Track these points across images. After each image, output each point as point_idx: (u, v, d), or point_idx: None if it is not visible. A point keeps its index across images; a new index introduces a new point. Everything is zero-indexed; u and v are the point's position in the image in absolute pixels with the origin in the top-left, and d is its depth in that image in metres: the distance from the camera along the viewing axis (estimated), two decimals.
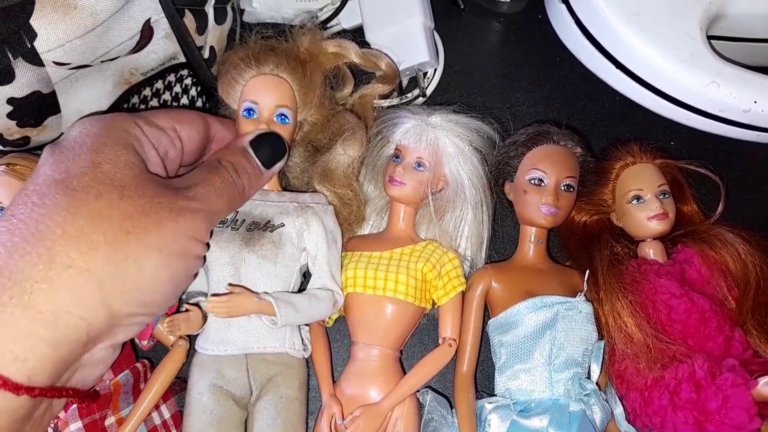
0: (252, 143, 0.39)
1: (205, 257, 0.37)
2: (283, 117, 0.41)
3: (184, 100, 0.48)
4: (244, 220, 0.41)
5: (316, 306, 0.40)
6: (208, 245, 0.36)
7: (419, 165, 0.44)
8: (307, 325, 0.44)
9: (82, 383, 0.32)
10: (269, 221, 0.41)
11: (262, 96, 0.41)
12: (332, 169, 0.44)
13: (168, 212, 0.32)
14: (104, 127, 0.33)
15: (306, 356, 0.42)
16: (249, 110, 0.41)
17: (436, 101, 0.53)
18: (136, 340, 0.42)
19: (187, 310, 0.40)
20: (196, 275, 0.37)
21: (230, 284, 0.39)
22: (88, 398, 0.33)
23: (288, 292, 0.41)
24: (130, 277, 0.30)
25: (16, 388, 0.26)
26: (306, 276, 0.44)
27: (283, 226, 0.41)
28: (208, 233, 0.35)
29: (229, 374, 0.39)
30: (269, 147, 0.40)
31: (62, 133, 0.42)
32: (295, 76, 0.42)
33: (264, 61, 0.42)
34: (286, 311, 0.38)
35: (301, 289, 0.43)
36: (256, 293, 0.39)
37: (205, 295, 0.41)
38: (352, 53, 0.47)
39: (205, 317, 0.40)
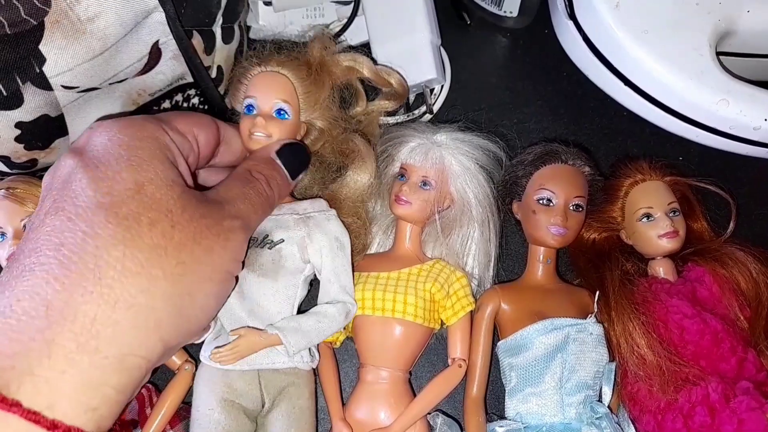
0: (278, 153, 0.39)
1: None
2: (281, 112, 0.40)
3: None
4: None
5: (326, 324, 0.39)
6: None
7: (425, 184, 0.44)
8: None
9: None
10: (267, 236, 0.40)
11: (261, 90, 0.41)
12: (341, 199, 0.44)
13: (216, 237, 0.31)
14: (136, 137, 0.31)
15: (314, 366, 0.42)
16: (249, 106, 0.41)
17: (443, 117, 0.53)
18: None
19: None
20: None
21: (232, 330, 0.39)
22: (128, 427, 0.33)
23: (293, 316, 0.40)
24: (184, 310, 0.29)
25: None
26: (312, 284, 0.43)
27: (283, 242, 0.40)
28: (246, 249, 0.35)
29: (241, 387, 0.39)
30: (294, 157, 0.40)
31: None
32: (297, 73, 0.42)
33: (267, 60, 0.42)
34: (295, 339, 0.38)
35: (309, 296, 0.42)
36: (261, 330, 0.38)
37: None
38: (365, 68, 0.47)
39: (208, 327, 0.39)
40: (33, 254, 0.27)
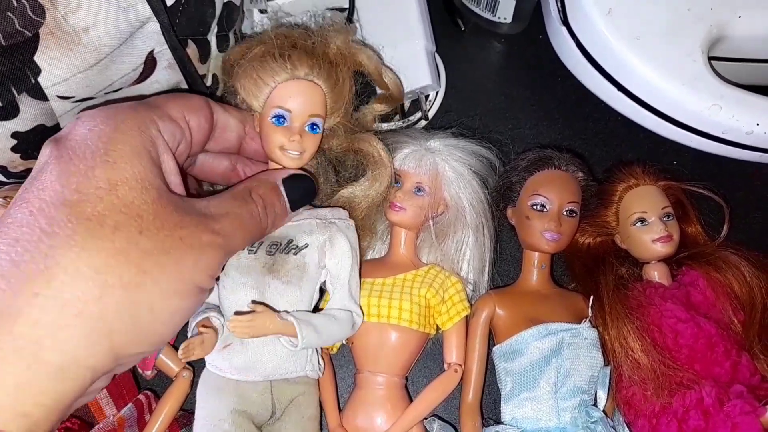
0: (285, 181, 0.38)
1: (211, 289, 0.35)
2: (314, 126, 0.39)
3: None
4: (261, 242, 0.39)
5: (337, 327, 0.39)
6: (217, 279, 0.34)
7: (419, 190, 0.44)
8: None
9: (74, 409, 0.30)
10: (291, 241, 0.39)
11: (295, 103, 0.38)
12: (357, 203, 0.43)
13: (188, 248, 0.29)
14: (118, 129, 0.29)
15: (321, 376, 0.41)
16: (280, 117, 0.38)
17: (438, 123, 0.53)
18: (139, 370, 0.42)
19: (199, 333, 0.37)
20: None
21: (253, 301, 0.37)
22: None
23: (308, 311, 0.39)
24: (141, 322, 0.28)
25: None
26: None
27: (307, 246, 0.39)
28: (221, 268, 0.33)
29: (253, 397, 0.38)
30: (301, 190, 0.38)
31: None
32: (329, 82, 0.39)
33: (298, 64, 0.38)
34: (308, 333, 0.37)
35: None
36: (279, 312, 0.37)
37: (216, 308, 0.39)
38: (372, 65, 0.45)
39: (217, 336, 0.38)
40: None
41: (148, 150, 0.30)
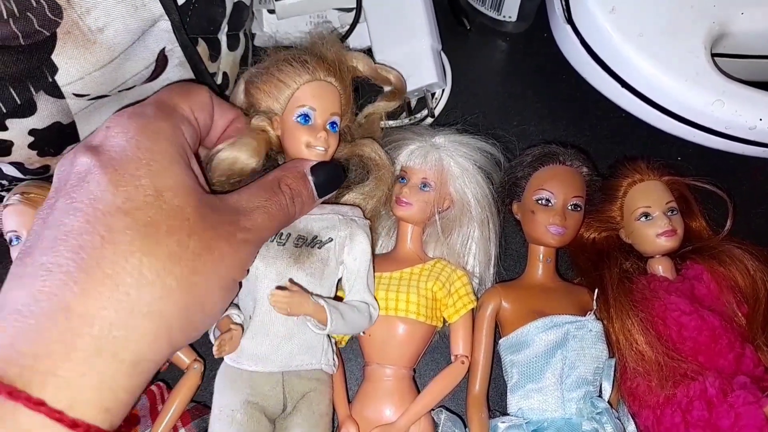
0: (312, 169, 0.39)
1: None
2: (334, 125, 0.41)
3: None
4: (290, 234, 0.40)
5: (359, 317, 0.40)
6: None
7: (425, 185, 0.45)
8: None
9: None
10: (316, 236, 0.40)
11: (319, 102, 0.41)
12: (362, 206, 0.44)
13: (228, 246, 0.31)
14: (154, 140, 0.31)
15: (335, 371, 0.42)
16: (305, 116, 0.40)
17: (444, 120, 0.53)
18: None
19: (229, 330, 0.38)
20: None
21: (291, 280, 0.39)
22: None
23: (332, 299, 0.41)
24: (193, 317, 0.30)
25: None
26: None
27: (331, 241, 0.41)
28: (253, 259, 0.35)
29: (266, 390, 0.39)
30: (328, 176, 0.39)
31: None
32: (342, 84, 0.43)
33: (318, 67, 0.41)
34: (336, 318, 0.38)
35: None
36: (313, 295, 0.38)
37: (237, 307, 0.41)
38: (367, 67, 0.48)
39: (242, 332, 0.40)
40: (50, 253, 0.27)
41: (183, 157, 0.32)
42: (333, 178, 0.40)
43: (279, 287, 0.38)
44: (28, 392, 0.24)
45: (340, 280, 0.42)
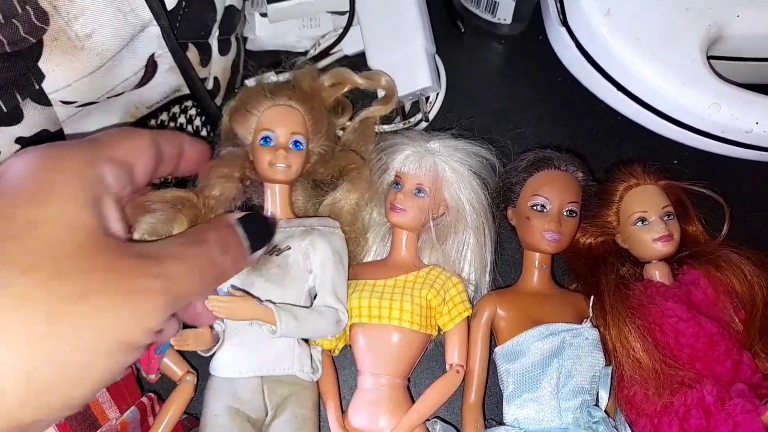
0: (240, 221, 0.35)
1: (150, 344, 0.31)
2: (297, 143, 0.43)
3: (189, 130, 0.49)
4: None
5: (318, 320, 0.40)
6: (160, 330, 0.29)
7: (419, 191, 0.44)
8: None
9: None
10: (275, 245, 0.42)
11: (277, 124, 0.43)
12: (339, 209, 0.45)
13: (120, 296, 0.25)
14: (56, 169, 0.27)
15: (315, 379, 0.42)
16: (266, 138, 0.43)
17: (438, 124, 0.53)
18: (143, 374, 0.43)
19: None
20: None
21: (233, 286, 0.40)
22: None
23: (292, 304, 0.41)
24: (45, 381, 0.24)
25: None
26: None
27: (289, 249, 0.41)
28: (165, 319, 0.28)
29: (245, 396, 0.40)
30: (257, 228, 0.36)
31: None
32: (306, 105, 0.44)
33: (278, 93, 0.44)
34: (287, 319, 0.38)
35: None
36: (259, 299, 0.39)
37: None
38: (352, 78, 0.49)
39: (216, 339, 0.40)
40: None
41: (86, 191, 0.28)
42: (263, 229, 0.37)
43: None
44: None
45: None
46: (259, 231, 0.37)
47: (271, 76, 0.50)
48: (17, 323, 0.23)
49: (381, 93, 0.51)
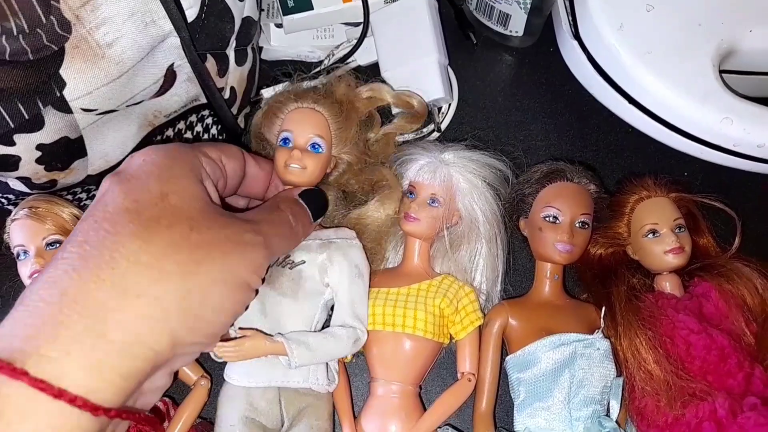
0: (300, 195, 0.41)
1: (257, 291, 0.37)
2: (316, 146, 0.43)
3: (205, 138, 0.49)
4: None
5: (334, 345, 0.40)
6: (263, 280, 0.36)
7: (433, 201, 0.45)
8: None
9: (140, 409, 0.32)
10: (288, 257, 0.42)
11: (297, 125, 0.43)
12: (366, 224, 0.45)
13: (234, 245, 0.32)
14: (169, 157, 0.34)
15: (331, 390, 0.42)
16: (285, 139, 0.43)
17: (451, 135, 0.53)
18: None
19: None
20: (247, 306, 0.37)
21: (240, 328, 0.39)
22: (152, 423, 0.32)
23: (306, 331, 0.41)
24: (195, 307, 0.30)
25: (94, 408, 0.26)
26: (333, 309, 0.43)
27: (303, 263, 0.42)
28: (266, 269, 0.35)
29: (262, 406, 0.40)
30: (315, 200, 0.41)
31: (89, 175, 0.44)
32: (331, 110, 0.44)
33: (303, 96, 0.44)
34: (299, 352, 0.38)
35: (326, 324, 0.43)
36: (269, 335, 0.39)
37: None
38: (387, 95, 0.49)
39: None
40: (60, 252, 0.29)
41: (194, 173, 0.34)
42: (320, 201, 0.42)
43: (223, 339, 0.38)
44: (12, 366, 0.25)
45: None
46: (317, 202, 0.41)
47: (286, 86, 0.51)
48: (172, 262, 0.29)
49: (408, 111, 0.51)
